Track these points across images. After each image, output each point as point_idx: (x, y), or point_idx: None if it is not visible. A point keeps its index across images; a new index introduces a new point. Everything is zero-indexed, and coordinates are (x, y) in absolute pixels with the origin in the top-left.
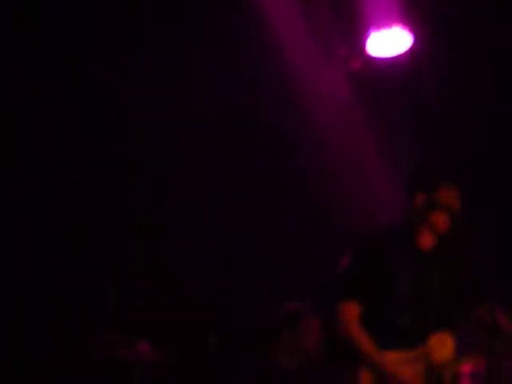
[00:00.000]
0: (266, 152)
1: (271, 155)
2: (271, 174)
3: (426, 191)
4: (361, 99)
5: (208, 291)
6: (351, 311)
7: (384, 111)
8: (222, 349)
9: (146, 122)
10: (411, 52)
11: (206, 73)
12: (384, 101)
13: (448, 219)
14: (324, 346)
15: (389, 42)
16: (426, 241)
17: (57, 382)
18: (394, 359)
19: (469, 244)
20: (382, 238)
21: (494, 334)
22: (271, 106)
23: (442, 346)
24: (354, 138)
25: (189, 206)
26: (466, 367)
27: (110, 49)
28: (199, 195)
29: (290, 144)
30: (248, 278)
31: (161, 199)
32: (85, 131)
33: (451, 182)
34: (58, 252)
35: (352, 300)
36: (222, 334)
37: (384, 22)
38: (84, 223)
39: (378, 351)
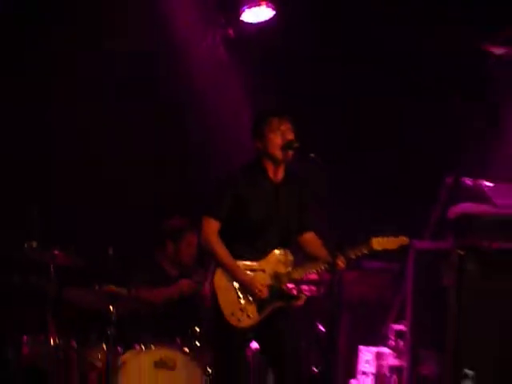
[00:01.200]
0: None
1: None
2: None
3: (258, 131)
4: (234, 59)
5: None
6: (211, 225)
7: (252, 69)
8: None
9: None
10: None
11: None
12: (253, 60)
13: (283, 151)
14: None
15: (257, 13)
16: (274, 173)
17: None
18: (244, 267)
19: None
20: (240, 171)
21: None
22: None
23: (284, 259)
24: (230, 93)
25: None
26: (312, 276)
27: None
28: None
29: (176, 102)
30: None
31: None
32: None
33: (280, 116)
34: None
35: (212, 217)
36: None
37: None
38: None
39: (233, 260)
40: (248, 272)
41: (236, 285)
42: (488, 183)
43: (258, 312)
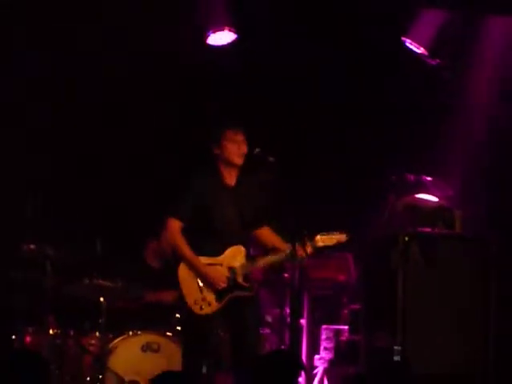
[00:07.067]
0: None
1: None
2: None
3: (215, 139)
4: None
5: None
6: (174, 224)
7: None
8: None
9: None
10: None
11: None
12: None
13: (236, 158)
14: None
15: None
16: (229, 176)
17: None
18: (204, 262)
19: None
20: (199, 173)
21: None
22: None
23: (238, 254)
24: None
25: None
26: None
27: None
28: None
29: None
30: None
31: None
32: None
33: (234, 128)
34: None
35: (175, 217)
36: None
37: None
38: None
39: (195, 255)
40: (208, 266)
41: (197, 277)
42: (427, 178)
43: (216, 301)
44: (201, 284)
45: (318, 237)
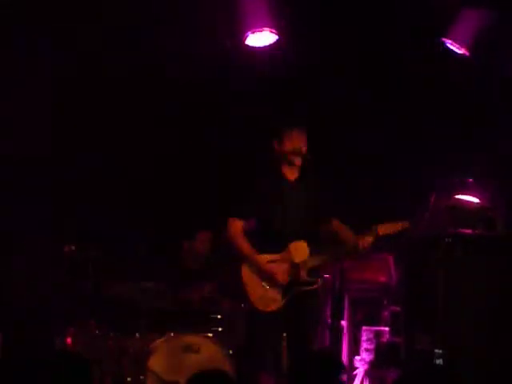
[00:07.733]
0: None
1: None
2: None
3: (277, 134)
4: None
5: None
6: (236, 225)
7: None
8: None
9: None
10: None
11: None
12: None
13: (297, 157)
14: (215, 251)
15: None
16: (290, 172)
17: None
18: (267, 259)
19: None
20: (259, 171)
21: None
22: None
23: (300, 250)
24: None
25: None
26: None
27: None
28: None
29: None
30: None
31: None
32: None
33: (295, 127)
34: None
35: (237, 217)
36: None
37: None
38: None
39: (256, 253)
40: (270, 263)
41: (260, 275)
42: (469, 179)
43: (281, 297)
44: (264, 281)
45: (379, 225)
